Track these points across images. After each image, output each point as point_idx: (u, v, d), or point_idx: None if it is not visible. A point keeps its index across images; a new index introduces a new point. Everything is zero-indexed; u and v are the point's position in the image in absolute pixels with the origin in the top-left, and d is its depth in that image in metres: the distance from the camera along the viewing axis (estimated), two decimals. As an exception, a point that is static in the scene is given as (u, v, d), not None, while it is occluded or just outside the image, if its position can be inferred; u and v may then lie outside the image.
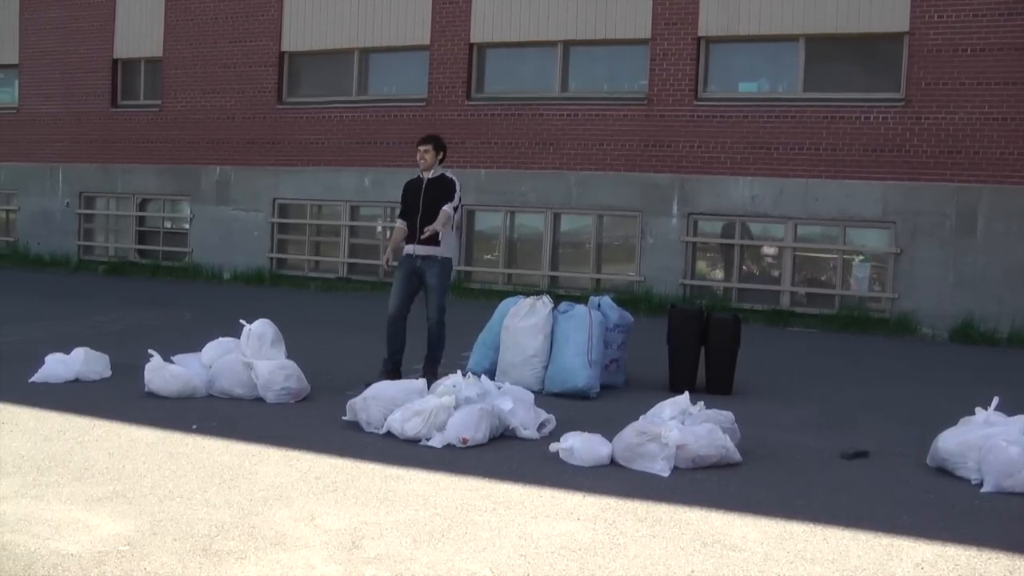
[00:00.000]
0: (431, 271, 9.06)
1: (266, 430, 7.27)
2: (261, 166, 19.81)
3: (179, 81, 20.87)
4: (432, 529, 5.13)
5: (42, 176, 23.06)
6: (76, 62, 22.39)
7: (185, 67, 20.74)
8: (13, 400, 8.11)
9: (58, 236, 22.68)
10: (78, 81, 22.37)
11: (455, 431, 6.89)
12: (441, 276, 9.09)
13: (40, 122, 23.02)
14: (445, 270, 9.14)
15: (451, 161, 17.61)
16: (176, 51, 20.93)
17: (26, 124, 23.28)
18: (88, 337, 10.60)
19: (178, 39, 20.89)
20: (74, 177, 22.59)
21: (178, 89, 20.88)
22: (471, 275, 17.79)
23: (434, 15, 18.04)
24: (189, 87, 20.70)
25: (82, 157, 22.37)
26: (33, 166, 23.15)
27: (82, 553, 4.74)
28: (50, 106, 22.87)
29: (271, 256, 19.76)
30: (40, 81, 23.11)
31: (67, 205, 22.73)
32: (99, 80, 22.13)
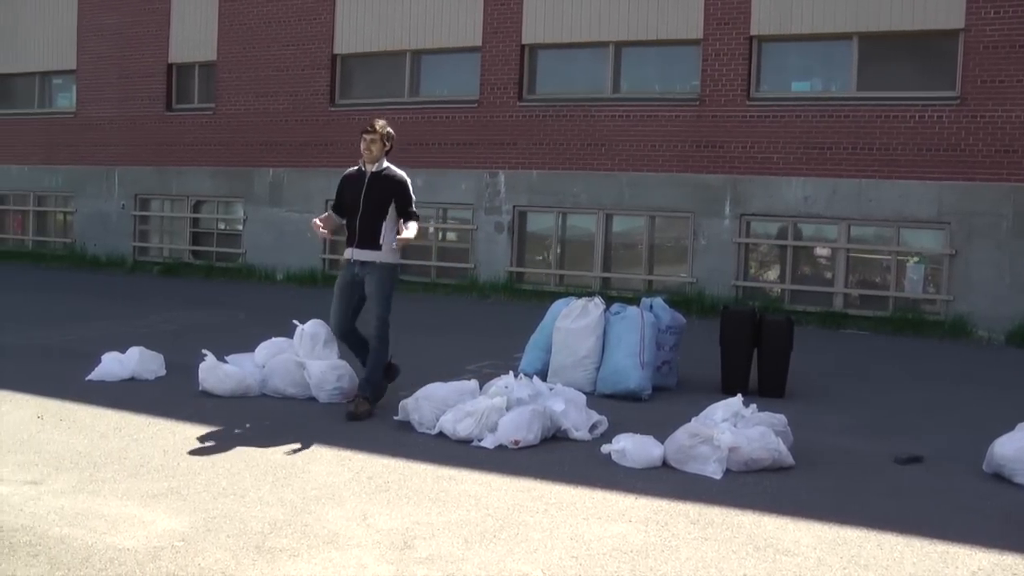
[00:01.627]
0: (370, 277, 8.07)
1: (318, 429, 7.33)
2: (314, 168, 19.92)
3: (232, 84, 21.05)
4: (484, 530, 5.15)
5: (98, 179, 23.36)
6: (132, 67, 22.67)
7: (238, 71, 20.92)
8: (71, 398, 8.26)
9: (114, 237, 22.96)
10: (134, 85, 22.64)
11: (507, 432, 6.90)
12: (381, 283, 8.09)
13: (97, 126, 23.33)
14: (386, 277, 8.13)
15: (504, 162, 17.78)
16: (229, 55, 21.12)
17: (83, 128, 23.60)
18: (143, 337, 10.72)
19: (231, 43, 21.07)
20: (129, 180, 22.86)
21: (231, 92, 21.06)
22: (523, 276, 17.80)
23: (485, 16, 18.06)
24: (242, 90, 20.87)
25: (137, 160, 22.63)
26: (90, 169, 23.46)
27: (138, 548, 4.82)
28: (106, 110, 23.17)
29: (324, 257, 19.85)
30: (97, 86, 23.42)
31: (123, 207, 23.00)
32: (154, 84, 22.38)
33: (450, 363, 9.96)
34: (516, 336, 10.37)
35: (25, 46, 25.06)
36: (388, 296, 8.10)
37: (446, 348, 11.57)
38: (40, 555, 4.72)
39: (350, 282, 8.17)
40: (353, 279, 8.14)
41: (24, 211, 25.57)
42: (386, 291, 8.09)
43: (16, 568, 4.56)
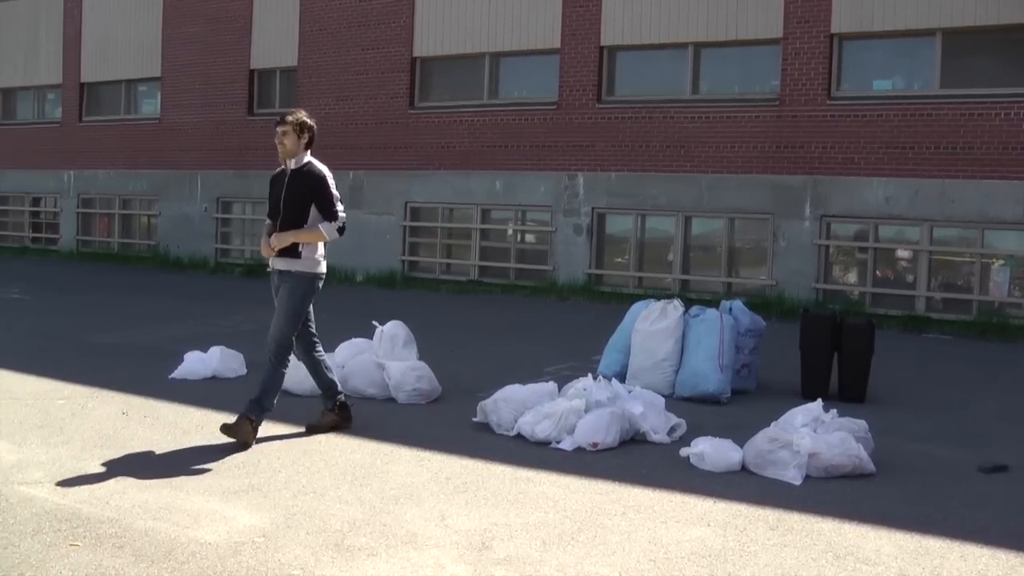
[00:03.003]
0: (284, 287, 7.18)
1: (398, 430, 7.38)
2: (393, 170, 20.07)
3: (313, 89, 21.28)
4: (562, 532, 5.16)
5: (181, 182, 23.77)
6: (215, 73, 23.05)
7: (319, 75, 21.16)
8: (154, 395, 8.45)
9: (196, 240, 23.33)
10: (216, 91, 23.03)
11: (585, 434, 6.90)
12: (291, 295, 7.12)
13: (180, 131, 23.74)
14: (297, 288, 7.14)
15: (583, 164, 17.76)
16: (310, 60, 21.36)
17: (167, 133, 24.04)
18: (225, 336, 10.90)
19: (312, 48, 21.31)
20: (212, 183, 23.22)
21: (312, 96, 21.26)
22: (602, 278, 17.77)
23: (564, 18, 18.05)
24: (323, 94, 21.08)
25: (219, 164, 22.97)
26: (173, 173, 23.88)
27: (219, 542, 4.92)
28: (190, 116, 23.57)
29: (403, 259, 20.00)
30: (181, 92, 23.84)
31: (205, 210, 23.37)
32: (236, 90, 22.73)
33: (529, 365, 9.97)
34: (595, 338, 10.36)
35: (112, 56, 25.65)
36: (295, 311, 7.12)
37: (525, 350, 11.58)
38: (125, 547, 4.84)
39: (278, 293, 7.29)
40: (277, 289, 7.29)
41: (110, 214, 26.14)
42: (293, 305, 7.10)
43: (102, 558, 4.69)
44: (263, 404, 6.98)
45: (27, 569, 4.56)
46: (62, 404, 8.13)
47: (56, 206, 27.43)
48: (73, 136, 26.63)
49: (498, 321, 14.50)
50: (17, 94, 29.09)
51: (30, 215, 28.33)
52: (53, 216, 27.56)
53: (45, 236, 27.80)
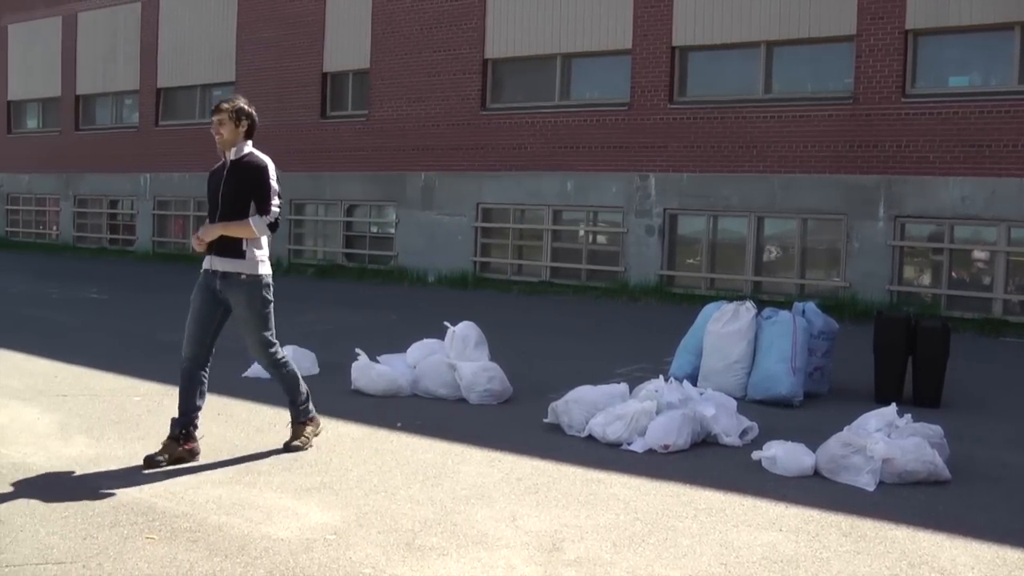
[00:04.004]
0: (236, 297, 6.56)
1: (469, 430, 7.40)
2: (465, 171, 20.15)
3: (385, 91, 21.43)
4: (632, 534, 5.15)
5: (255, 184, 23.97)
6: (288, 77, 23.32)
7: (391, 77, 21.29)
8: (228, 393, 8.56)
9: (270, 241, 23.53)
10: (290, 95, 23.28)
11: (657, 436, 6.87)
12: (251, 303, 6.58)
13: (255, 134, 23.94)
14: (255, 295, 6.59)
15: (654, 165, 17.70)
16: (382, 62, 21.51)
17: (242, 136, 24.27)
18: (297, 336, 10.97)
19: (384, 51, 21.46)
20: (285, 185, 23.01)
21: (384, 99, 21.43)
22: (673, 279, 17.69)
23: (635, 19, 18.00)
24: (395, 96, 21.22)
25: (293, 166, 23.14)
26: (248, 175, 24.09)
27: (291, 539, 4.98)
28: (263, 119, 23.45)
29: (474, 260, 20.06)
30: (254, 96, 23.77)
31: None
32: (309, 93, 22.96)
33: (600, 366, 9.95)
34: (666, 340, 10.31)
35: (188, 61, 26.11)
36: (261, 318, 6.66)
37: (596, 351, 11.57)
38: (199, 541, 4.93)
39: (209, 295, 6.64)
40: (214, 294, 6.61)
41: (185, 216, 26.54)
42: (258, 310, 6.62)
43: (177, 552, 4.78)
44: (297, 403, 6.85)
45: (105, 560, 4.67)
46: (138, 401, 8.31)
47: (133, 208, 27.94)
48: (149, 140, 27.11)
49: (569, 322, 14.49)
50: (96, 100, 29.71)
51: (108, 217, 28.89)
52: (130, 218, 28.07)
53: (122, 237, 28.32)
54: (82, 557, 4.70)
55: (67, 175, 29.72)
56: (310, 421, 6.89)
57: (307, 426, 6.85)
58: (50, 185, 30.26)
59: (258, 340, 6.69)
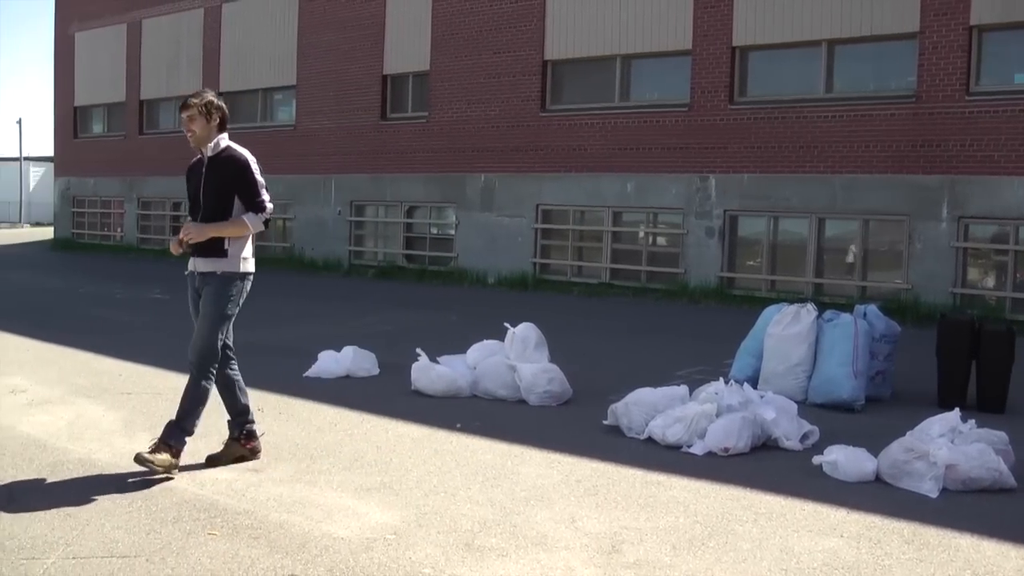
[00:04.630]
0: (206, 291, 6.33)
1: (528, 432, 7.41)
2: (525, 173, 20.17)
3: (445, 93, 21.50)
4: (692, 537, 5.13)
5: (316, 187, 24.26)
6: (348, 80, 23.49)
7: (451, 79, 21.37)
8: (290, 393, 8.68)
9: (330, 242, 23.78)
10: (350, 97, 23.47)
11: (716, 439, 6.85)
12: (216, 298, 6.28)
13: (314, 137, 24.26)
14: (222, 290, 6.30)
15: (715, 166, 17.61)
16: (442, 64, 21.58)
17: (302, 139, 24.58)
18: (358, 336, 11.08)
19: (444, 53, 21.53)
20: (346, 187, 23.64)
21: (444, 100, 21.51)
22: (734, 281, 17.58)
23: (695, 19, 17.92)
24: (455, 98, 21.29)
25: (353, 168, 23.39)
26: (308, 177, 24.39)
27: (351, 538, 5.03)
28: (324, 121, 24.06)
29: (534, 261, 20.07)
30: (315, 99, 24.36)
31: (339, 213, 23.81)
32: (369, 95, 23.11)
33: (660, 368, 9.93)
34: (727, 342, 10.27)
35: (249, 66, 26.40)
36: (220, 314, 6.29)
37: (656, 353, 11.55)
38: (260, 538, 5.00)
39: (195, 300, 6.49)
40: (197, 294, 6.45)
41: (246, 217, 26.71)
42: (219, 309, 6.27)
43: (239, 548, 4.86)
44: (183, 427, 6.17)
45: (168, 554, 4.76)
46: (201, 400, 8.39)
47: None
48: (212, 143, 27.31)
49: (629, 324, 14.47)
50: (159, 105, 30.15)
51: (171, 219, 29.25)
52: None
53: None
54: (146, 551, 4.79)
55: (131, 178, 30.16)
56: (175, 453, 6.10)
57: (169, 453, 6.07)
58: (115, 188, 30.71)
59: (205, 339, 6.25)
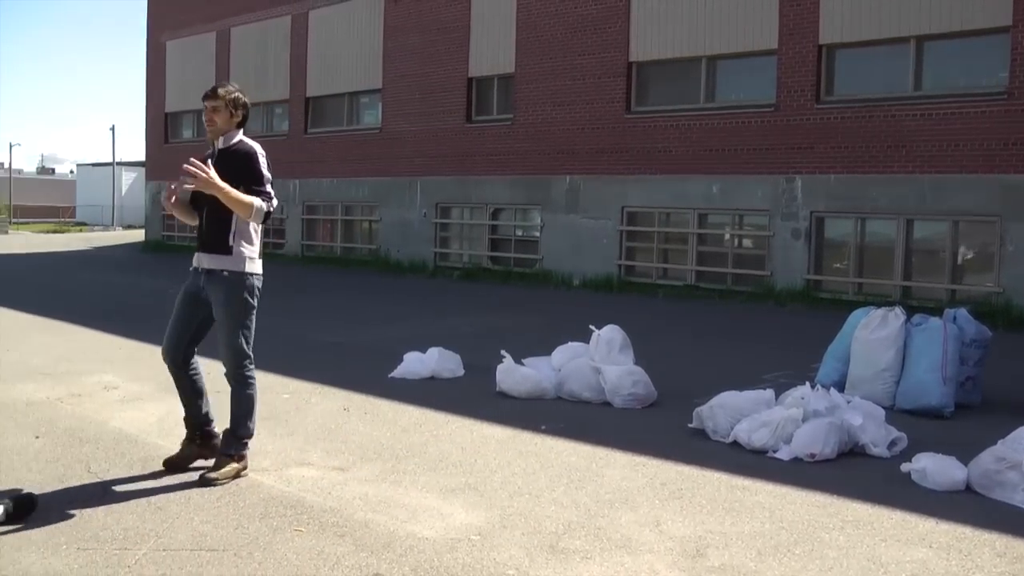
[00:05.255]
0: (215, 294, 6.05)
1: (613, 434, 7.39)
2: (610, 175, 20.14)
3: (530, 95, 21.56)
4: (778, 543, 5.09)
5: (401, 189, 24.47)
6: (434, 83, 23.68)
7: (536, 81, 21.42)
8: (375, 393, 8.77)
9: (416, 244, 23.97)
10: (435, 100, 23.65)
11: (802, 444, 6.78)
12: (228, 301, 6.03)
13: (400, 140, 24.48)
14: (234, 292, 6.03)
15: (801, 167, 17.43)
16: (527, 67, 21.65)
17: (388, 142, 24.83)
18: (443, 338, 11.13)
19: (529, 55, 21.59)
20: (431, 189, 23.81)
21: (529, 103, 21.56)
22: (820, 284, 17.37)
23: (781, 18, 17.74)
24: (540, 100, 21.34)
25: (438, 170, 23.55)
26: (393, 180, 24.64)
27: (436, 538, 5.07)
28: (409, 124, 24.28)
29: (619, 263, 20.04)
30: (400, 102, 24.59)
31: (424, 215, 23.99)
32: (455, 98, 23.26)
33: (745, 371, 9.85)
34: (813, 346, 10.16)
35: (335, 70, 26.76)
36: (241, 317, 6.06)
37: (742, 356, 11.48)
38: (346, 536, 5.06)
39: (192, 296, 6.18)
40: (198, 292, 6.14)
41: (332, 220, 27.15)
42: (236, 311, 6.04)
43: (324, 545, 4.92)
44: (239, 435, 6.14)
45: (255, 549, 4.85)
46: (287, 399, 8.56)
47: (283, 213, 28.63)
48: (299, 147, 27.80)
49: (714, 327, 14.39)
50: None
51: (259, 220, 29.63)
52: (279, 222, 28.78)
53: (272, 241, 29.04)
54: (234, 545, 4.89)
55: (220, 181, 30.60)
56: (239, 459, 6.13)
57: (234, 462, 6.09)
58: (204, 191, 31.22)
59: (230, 345, 6.04)
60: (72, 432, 7.24)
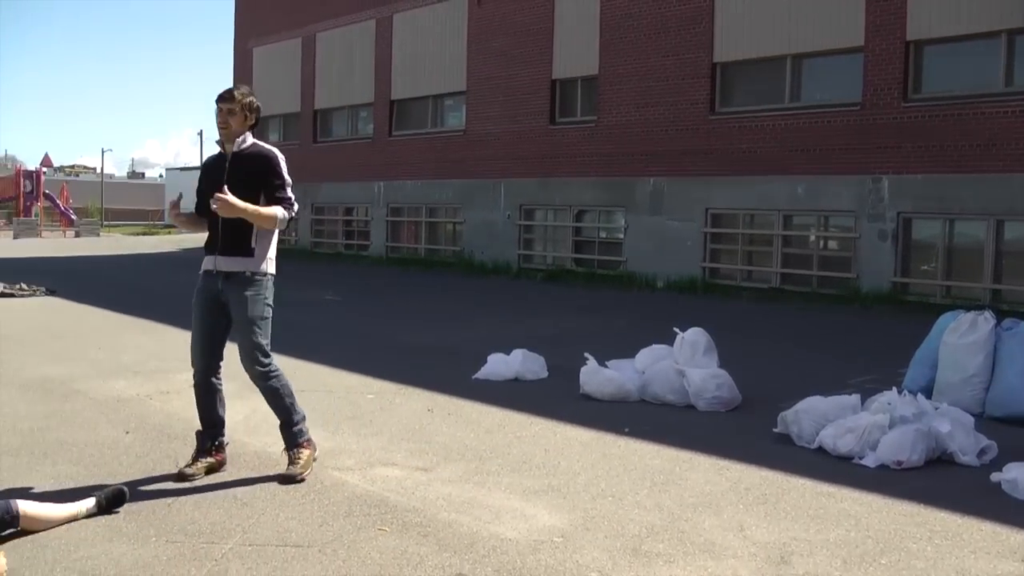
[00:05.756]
0: (236, 296, 6.00)
1: (696, 437, 7.36)
2: (693, 176, 20.04)
3: (613, 96, 21.53)
4: (863, 552, 5.02)
5: (485, 191, 24.58)
6: (517, 85, 23.76)
7: (619, 83, 21.38)
8: (459, 394, 8.83)
9: (499, 245, 24.05)
10: (519, 102, 23.72)
11: (889, 451, 6.68)
12: (251, 303, 6.00)
13: (484, 142, 24.60)
14: (258, 291, 6.04)
15: (887, 167, 17.18)
16: (611, 68, 21.62)
17: (472, 144, 24.96)
18: (526, 339, 11.16)
19: (613, 57, 21.56)
20: (514, 191, 23.88)
21: (612, 104, 21.53)
22: (907, 287, 17.09)
23: (867, 14, 17.48)
24: (623, 102, 21.30)
25: (522, 172, 23.62)
26: (477, 182, 24.76)
27: (519, 539, 5.09)
28: (493, 126, 24.37)
29: (703, 265, 19.93)
30: (484, 104, 24.70)
31: (508, 217, 24.06)
32: (538, 100, 23.31)
33: (830, 376, 9.75)
34: (899, 350, 10.01)
35: (420, 72, 26.96)
36: (257, 318, 6.02)
37: (826, 360, 11.35)
38: (429, 536, 5.10)
39: (211, 302, 6.11)
40: (216, 297, 6.08)
41: (417, 222, 27.35)
42: (257, 312, 6.02)
43: (407, 545, 4.97)
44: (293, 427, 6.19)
45: (340, 547, 4.92)
46: (371, 399, 8.65)
47: (367, 215, 28.97)
48: (383, 150, 28.09)
49: (799, 330, 14.24)
50: (332, 114, 31.07)
51: (343, 224, 30.08)
52: (364, 224, 29.10)
53: (357, 243, 29.39)
54: (318, 542, 4.97)
55: (305, 185, 30.95)
56: (307, 444, 6.22)
57: (304, 449, 6.18)
58: (290, 194, 31.57)
59: (251, 345, 6.02)
60: (161, 428, 7.44)
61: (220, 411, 6.28)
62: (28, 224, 50.51)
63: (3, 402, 8.34)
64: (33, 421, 7.63)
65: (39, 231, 50.75)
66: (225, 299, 6.03)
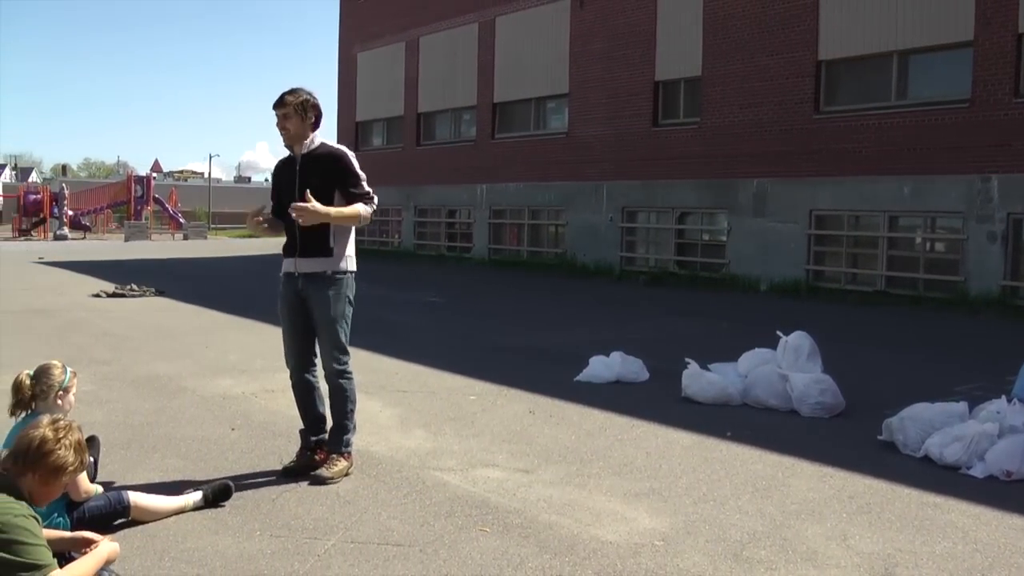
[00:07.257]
0: (319, 295, 6.14)
1: (799, 443, 7.29)
2: (797, 177, 19.80)
3: (717, 97, 21.37)
4: (971, 566, 4.91)
5: (587, 193, 24.57)
6: (620, 86, 23.73)
7: (723, 83, 21.22)
8: (560, 396, 8.85)
9: (602, 248, 24.02)
10: (621, 104, 23.68)
11: (998, 461, 6.52)
12: (335, 301, 6.14)
13: (586, 144, 24.60)
14: (338, 292, 6.15)
15: (997, 165, 16.77)
16: (714, 69, 21.46)
17: (574, 146, 24.98)
18: (629, 342, 11.18)
19: (716, 57, 21.41)
20: (617, 193, 23.84)
21: (716, 105, 21.38)
22: (1018, 291, 16.65)
23: (977, 7, 17.05)
24: (726, 102, 21.13)
25: (624, 174, 23.56)
26: (579, 184, 24.76)
27: (619, 542, 5.09)
28: (595, 129, 24.35)
29: (807, 268, 19.69)
30: (587, 107, 24.70)
31: (610, 219, 24.03)
32: (641, 102, 23.23)
33: (937, 382, 9.56)
34: (1009, 357, 9.81)
35: (523, 75, 27.05)
36: (340, 317, 6.17)
37: (933, 366, 11.15)
38: (530, 537, 5.14)
39: (294, 303, 6.28)
40: (298, 298, 6.24)
41: (519, 224, 27.43)
42: (339, 311, 6.15)
43: (508, 546, 5.01)
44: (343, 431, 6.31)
45: (440, 547, 4.97)
46: (473, 400, 8.71)
47: (470, 217, 29.14)
48: (486, 153, 28.23)
49: (905, 334, 14.00)
50: (436, 117, 31.35)
51: (446, 226, 30.30)
52: (467, 227, 29.28)
53: (459, 245, 29.58)
54: (419, 542, 5.03)
55: (408, 187, 31.36)
56: (348, 456, 6.29)
57: (344, 460, 6.24)
58: (393, 197, 31.93)
59: (334, 343, 6.18)
60: (265, 425, 7.61)
61: (320, 408, 6.38)
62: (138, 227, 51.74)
63: (115, 398, 8.61)
64: (143, 416, 7.89)
65: (149, 234, 51.99)
66: (307, 299, 6.17)
